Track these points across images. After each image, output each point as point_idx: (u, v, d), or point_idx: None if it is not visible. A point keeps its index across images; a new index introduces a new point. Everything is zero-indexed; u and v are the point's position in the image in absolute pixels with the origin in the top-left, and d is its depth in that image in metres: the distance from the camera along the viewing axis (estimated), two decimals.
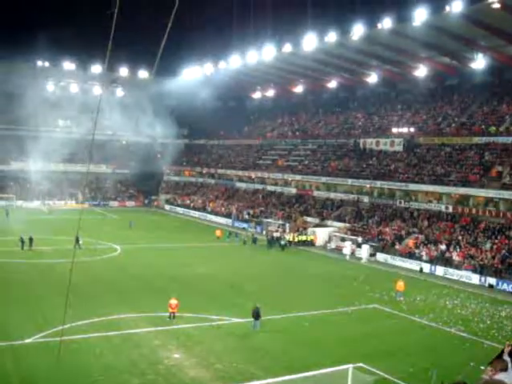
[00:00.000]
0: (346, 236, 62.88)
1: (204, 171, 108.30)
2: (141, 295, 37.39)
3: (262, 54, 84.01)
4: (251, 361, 25.04)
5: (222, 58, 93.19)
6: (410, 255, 55.60)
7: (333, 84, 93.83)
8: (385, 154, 74.70)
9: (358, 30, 68.23)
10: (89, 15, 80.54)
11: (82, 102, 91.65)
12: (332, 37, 71.98)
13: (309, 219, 72.23)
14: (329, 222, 69.67)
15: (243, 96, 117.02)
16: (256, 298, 33.80)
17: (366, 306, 37.55)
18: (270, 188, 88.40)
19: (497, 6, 54.01)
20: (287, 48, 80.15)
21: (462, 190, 60.18)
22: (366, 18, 65.70)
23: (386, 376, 23.09)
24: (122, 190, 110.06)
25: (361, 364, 22.01)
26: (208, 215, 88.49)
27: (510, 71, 69.27)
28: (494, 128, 65.49)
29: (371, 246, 59.07)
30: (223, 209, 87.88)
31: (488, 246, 52.21)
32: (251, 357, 25.68)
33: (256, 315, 30.40)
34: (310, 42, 75.32)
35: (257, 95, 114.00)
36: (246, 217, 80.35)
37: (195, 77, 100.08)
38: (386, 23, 64.44)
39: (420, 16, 60.12)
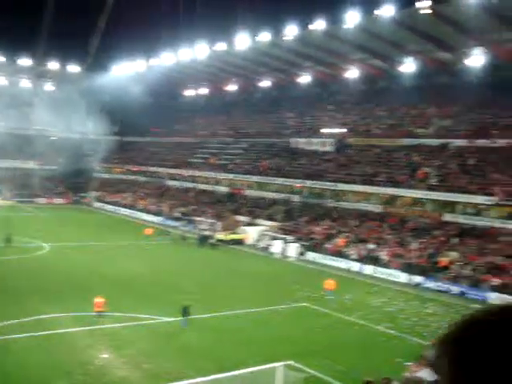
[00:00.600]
0: (276, 235, 63.18)
1: (135, 169, 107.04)
2: (69, 294, 36.64)
3: (195, 51, 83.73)
4: (181, 360, 24.91)
5: (154, 55, 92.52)
6: (340, 254, 56.36)
7: (266, 83, 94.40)
8: (316, 154, 75.50)
9: (291, 31, 68.81)
10: (18, 7, 78.63)
11: (10, 96, 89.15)
12: (265, 36, 72.37)
13: (240, 218, 72.31)
14: (260, 221, 69.89)
15: (176, 93, 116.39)
16: (186, 297, 33.65)
17: (297, 304, 37.86)
18: (201, 186, 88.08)
19: (426, 11, 55.37)
20: (220, 46, 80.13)
21: (391, 191, 61.47)
22: (299, 18, 66.37)
23: (316, 373, 23.34)
24: (49, 187, 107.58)
25: (291, 362, 22.17)
26: (139, 213, 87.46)
27: (437, 75, 71.10)
28: (421, 130, 67.13)
29: (301, 244, 59.54)
30: (154, 207, 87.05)
31: (415, 245, 53.45)
32: (181, 356, 25.55)
33: (185, 313, 30.23)
34: (243, 41, 75.53)
35: (190, 93, 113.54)
36: (177, 215, 79.80)
37: (127, 73, 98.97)
38: (319, 25, 65.22)
39: (352, 19, 61.12)
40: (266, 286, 43.86)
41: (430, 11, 55.65)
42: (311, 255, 57.87)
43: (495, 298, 42.35)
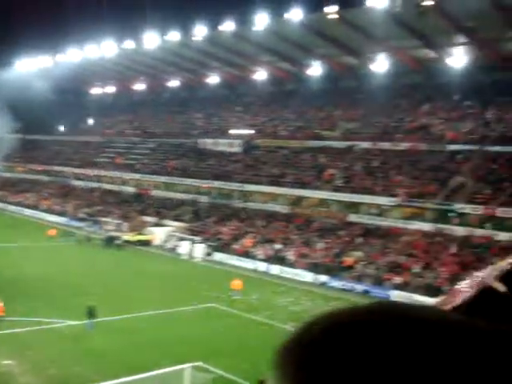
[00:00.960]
0: (183, 235, 62.85)
1: (39, 168, 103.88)
2: None
3: (103, 49, 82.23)
4: (88, 363, 24.41)
5: (60, 51, 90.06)
6: (247, 254, 56.66)
7: (174, 83, 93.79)
8: (223, 155, 75.64)
9: (200, 31, 68.63)
10: None
11: None
12: (174, 36, 71.89)
13: (147, 218, 71.49)
14: (167, 222, 69.33)
15: (83, 91, 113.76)
16: (92, 299, 32.98)
17: (204, 305, 37.82)
18: (107, 186, 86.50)
19: (333, 16, 56.53)
20: (129, 44, 79.01)
21: (297, 192, 62.37)
22: (208, 19, 66.20)
23: (224, 374, 23.39)
24: None
25: (200, 363, 22.13)
26: (42, 214, 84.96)
27: (344, 79, 72.70)
28: (327, 132, 68.48)
29: (209, 245, 59.50)
30: (58, 207, 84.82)
31: (320, 245, 54.45)
32: (88, 359, 25.03)
33: (90, 315, 29.64)
34: (151, 39, 74.74)
35: (97, 91, 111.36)
36: (82, 216, 78.07)
37: (32, 69, 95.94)
38: (228, 26, 65.35)
39: (261, 21, 61.56)
40: (173, 287, 43.53)
41: (337, 16, 56.84)
42: (219, 256, 57.87)
43: (397, 296, 43.73)
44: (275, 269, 52.83)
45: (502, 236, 46.63)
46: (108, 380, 19.89)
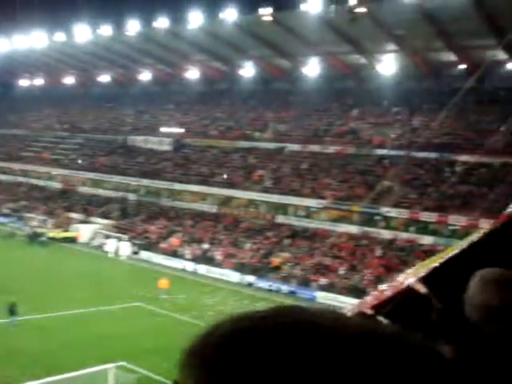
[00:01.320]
0: (110, 233, 61.96)
1: None
2: None
3: (32, 40, 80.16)
4: (8, 362, 23.75)
5: None
6: (174, 253, 56.32)
7: (105, 78, 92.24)
8: (153, 153, 74.97)
9: (133, 27, 67.76)
10: None
11: None
12: (107, 30, 70.74)
13: (73, 215, 70.15)
14: (94, 219, 68.21)
15: (9, 82, 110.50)
16: (14, 297, 32.09)
17: (130, 304, 37.38)
18: (33, 181, 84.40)
19: (268, 18, 56.82)
20: (59, 37, 77.29)
21: (226, 192, 62.40)
22: (142, 15, 65.38)
23: (148, 373, 23.17)
24: None
25: (124, 363, 21.85)
26: None
27: (276, 81, 73.11)
28: (258, 134, 68.78)
29: (136, 243, 58.87)
30: None
31: (248, 245, 54.63)
32: (8, 358, 24.35)
33: (12, 312, 28.85)
34: (83, 33, 73.30)
35: (25, 83, 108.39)
36: (6, 211, 75.92)
37: None
38: (163, 23, 64.75)
39: (196, 20, 61.30)
40: (99, 285, 42.79)
41: (271, 18, 57.16)
42: (146, 254, 57.32)
43: (323, 297, 44.32)
44: (202, 268, 52.71)
45: (426, 240, 47.92)
46: (32, 380, 19.38)
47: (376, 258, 48.22)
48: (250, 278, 49.67)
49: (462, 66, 55.80)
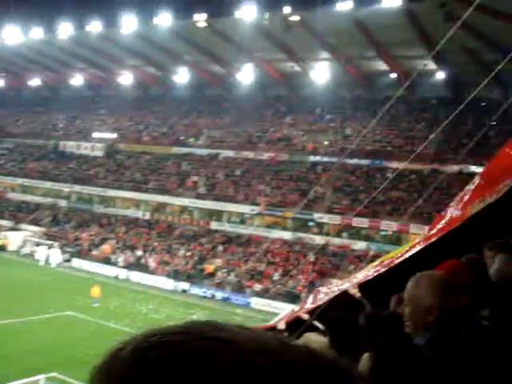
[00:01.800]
0: (41, 241, 60.60)
1: None
2: None
3: None
4: None
5: None
6: (107, 261, 55.53)
7: (36, 82, 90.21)
8: (85, 159, 73.82)
9: (66, 30, 66.47)
10: None
11: None
12: (38, 33, 69.18)
13: (2, 222, 68.29)
14: (24, 226, 66.58)
15: None
16: None
17: (61, 313, 36.60)
18: None
19: (202, 24, 56.74)
20: None
21: (160, 198, 61.96)
22: (74, 18, 64.13)
23: None
24: None
25: (54, 373, 21.35)
26: None
27: (210, 87, 73.03)
28: (192, 140, 68.56)
29: (67, 251, 57.79)
30: None
31: (182, 252, 54.34)
32: None
33: None
34: (13, 35, 71.48)
35: None
36: None
37: None
38: (96, 26, 63.74)
39: (129, 24, 60.62)
40: (28, 294, 41.64)
41: (205, 24, 57.09)
42: (78, 262, 56.31)
43: (257, 303, 44.47)
44: (136, 276, 52.14)
45: (359, 245, 48.72)
46: None
47: (309, 263, 48.68)
48: (184, 285, 49.44)
49: (393, 75, 56.95)
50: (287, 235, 53.19)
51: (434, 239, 6.49)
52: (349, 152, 50.24)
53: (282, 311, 12.09)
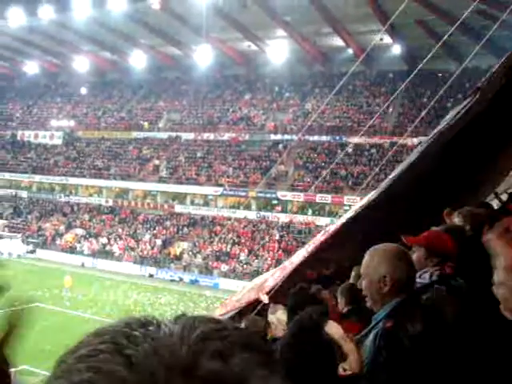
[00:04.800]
0: (3, 233, 59.79)
1: None
2: None
3: None
4: None
5: None
6: (72, 250, 55.14)
7: None
8: (44, 148, 72.85)
9: (17, 17, 65.02)
10: None
11: None
12: None
13: None
14: None
15: None
16: None
17: (27, 305, 36.19)
18: None
19: (156, 6, 56.04)
20: None
21: (122, 184, 61.57)
22: (25, 4, 62.75)
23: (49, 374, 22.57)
24: None
25: (24, 366, 21.20)
26: None
27: (167, 69, 72.41)
28: (150, 124, 68.06)
29: (31, 242, 57.19)
30: None
31: (147, 237, 54.18)
32: None
33: None
34: None
35: None
36: None
37: None
38: (48, 12, 62.45)
39: (83, 9, 59.57)
40: None
41: (159, 6, 56.41)
42: (42, 253, 55.78)
43: (226, 283, 44.66)
44: (102, 263, 51.89)
45: (323, 221, 49.01)
46: None
47: (274, 241, 48.95)
48: (151, 270, 49.38)
49: (350, 51, 57.13)
50: (251, 215, 53.34)
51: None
52: (309, 129, 50.46)
53: (243, 292, 12.11)
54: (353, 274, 6.55)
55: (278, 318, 5.66)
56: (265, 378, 0.62)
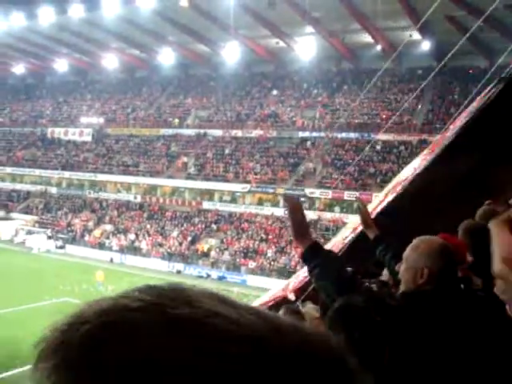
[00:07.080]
0: (33, 229, 60.58)
1: None
2: None
3: None
4: None
5: None
6: (100, 246, 55.64)
7: (20, 69, 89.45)
8: (73, 144, 73.56)
9: (47, 15, 65.74)
10: None
11: None
12: (19, 19, 68.42)
13: None
14: (15, 215, 66.49)
15: None
16: None
17: (57, 300, 36.66)
18: None
19: (184, 3, 56.21)
20: None
21: (150, 180, 61.94)
22: (56, 3, 63.42)
23: None
24: None
25: None
26: None
27: (196, 67, 72.66)
28: (179, 120, 68.36)
29: (60, 238, 57.83)
30: None
31: (175, 233, 54.45)
32: None
33: None
34: None
35: None
36: None
37: None
38: (77, 11, 63.08)
39: (112, 7, 60.04)
40: (24, 282, 41.61)
41: (187, 4, 56.59)
42: (72, 248, 56.37)
43: (253, 280, 44.74)
44: (130, 259, 52.28)
45: (350, 218, 48.77)
46: None
47: None
48: (179, 266, 49.61)
49: (379, 47, 56.76)
50: (279, 212, 53.27)
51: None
52: (337, 126, 50.30)
53: (271, 289, 12.12)
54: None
55: (307, 311, 5.66)
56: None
